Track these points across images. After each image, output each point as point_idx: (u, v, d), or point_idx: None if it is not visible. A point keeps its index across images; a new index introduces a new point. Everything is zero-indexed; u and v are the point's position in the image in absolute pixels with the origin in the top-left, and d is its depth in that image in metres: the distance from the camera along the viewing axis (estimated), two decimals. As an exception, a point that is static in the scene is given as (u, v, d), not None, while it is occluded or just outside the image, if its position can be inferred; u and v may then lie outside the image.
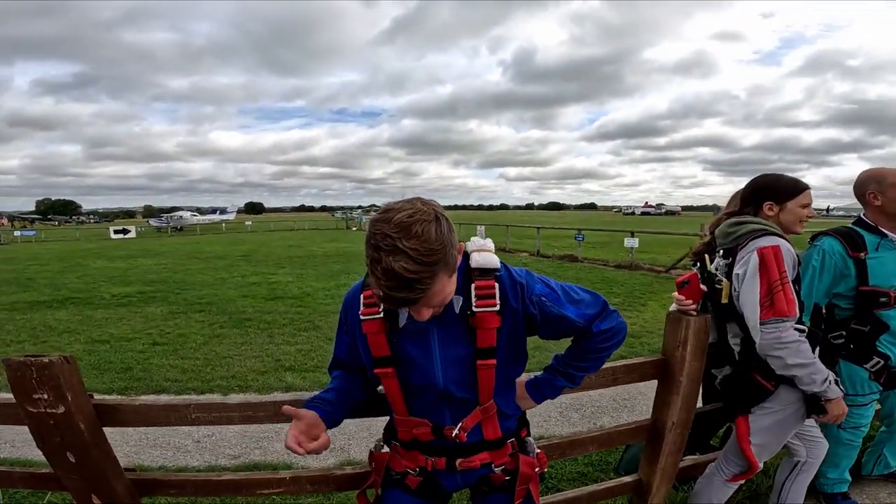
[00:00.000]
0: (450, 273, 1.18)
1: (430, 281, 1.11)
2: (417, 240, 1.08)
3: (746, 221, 2.11)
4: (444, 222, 1.15)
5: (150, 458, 3.40)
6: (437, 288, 1.14)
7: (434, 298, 1.16)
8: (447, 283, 1.18)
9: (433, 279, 1.12)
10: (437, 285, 1.14)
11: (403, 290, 1.09)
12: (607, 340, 1.49)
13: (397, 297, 1.11)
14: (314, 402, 1.47)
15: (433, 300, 1.17)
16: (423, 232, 1.09)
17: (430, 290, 1.13)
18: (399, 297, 1.11)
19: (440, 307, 1.24)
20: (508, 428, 1.55)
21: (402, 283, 1.08)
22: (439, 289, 1.15)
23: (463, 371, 1.39)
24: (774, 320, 1.88)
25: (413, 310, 1.21)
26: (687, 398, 2.13)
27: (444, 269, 1.14)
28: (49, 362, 1.52)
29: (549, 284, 1.44)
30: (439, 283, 1.14)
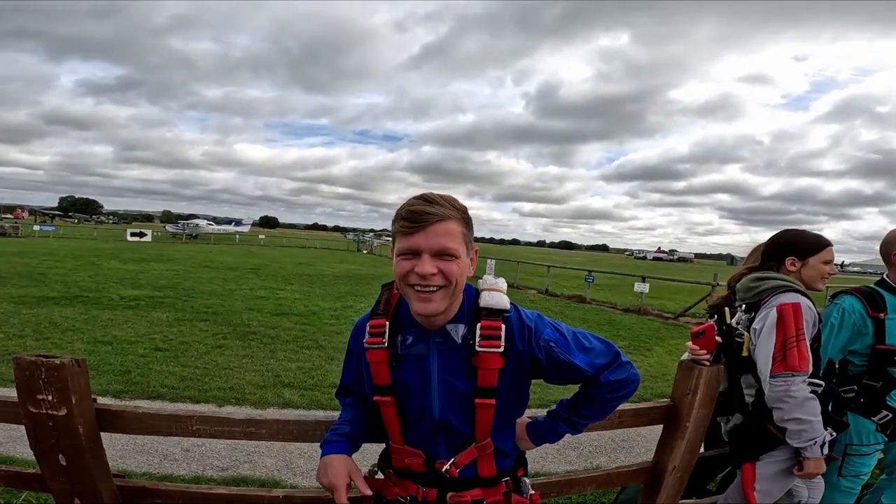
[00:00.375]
0: (464, 238, 1.29)
1: (446, 213, 1.25)
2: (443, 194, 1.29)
3: (769, 277, 2.16)
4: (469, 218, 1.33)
5: (135, 464, 3.34)
6: (448, 228, 1.25)
7: (441, 238, 1.24)
8: (457, 243, 1.26)
9: (449, 217, 1.25)
10: (449, 226, 1.25)
11: (422, 205, 1.24)
12: (615, 392, 1.44)
13: (416, 208, 1.24)
14: (338, 438, 1.48)
15: (440, 239, 1.24)
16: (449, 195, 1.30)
17: (442, 224, 1.24)
18: (416, 208, 1.23)
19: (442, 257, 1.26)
20: (505, 466, 1.50)
21: (424, 201, 1.25)
22: (449, 232, 1.25)
23: (461, 404, 1.37)
24: (784, 374, 1.93)
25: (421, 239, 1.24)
26: (691, 443, 2.13)
27: (459, 223, 1.28)
28: (60, 364, 1.50)
29: (559, 330, 1.42)
30: (451, 227, 1.25)
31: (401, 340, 1.39)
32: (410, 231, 1.24)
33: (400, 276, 1.29)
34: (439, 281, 1.25)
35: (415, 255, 1.25)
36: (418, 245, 1.24)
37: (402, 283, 1.30)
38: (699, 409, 2.09)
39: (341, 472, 1.37)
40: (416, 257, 1.25)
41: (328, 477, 1.37)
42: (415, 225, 1.23)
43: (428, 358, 1.37)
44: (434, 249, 1.24)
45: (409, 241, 1.25)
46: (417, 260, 1.24)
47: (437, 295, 1.26)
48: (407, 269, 1.26)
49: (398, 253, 1.29)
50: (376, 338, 1.38)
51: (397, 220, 1.27)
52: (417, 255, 1.24)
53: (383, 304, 1.43)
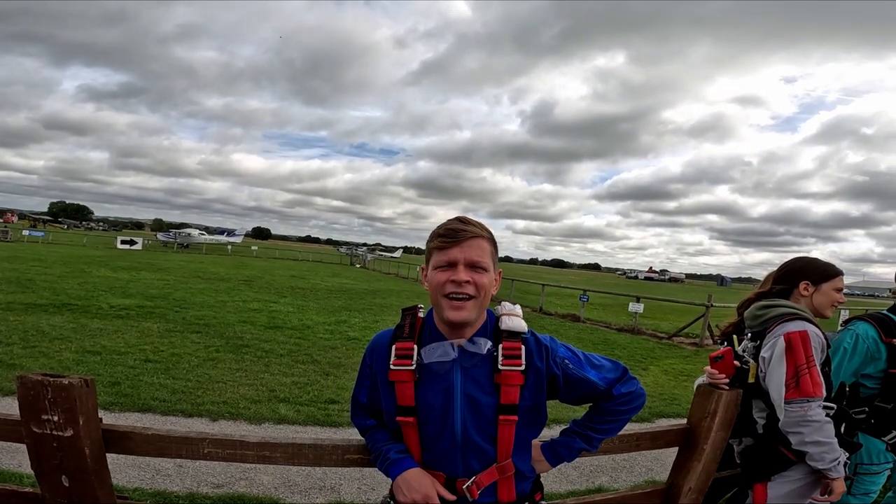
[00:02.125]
0: (492, 256, 1.43)
1: (479, 232, 1.41)
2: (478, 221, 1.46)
3: (775, 305, 2.21)
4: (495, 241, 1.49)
5: (126, 479, 3.21)
6: (480, 244, 1.40)
7: (475, 251, 1.38)
8: (487, 258, 1.41)
9: (482, 237, 1.41)
10: (482, 243, 1.40)
11: (459, 224, 1.41)
12: (627, 404, 1.54)
13: (453, 226, 1.40)
14: (406, 455, 1.47)
15: (474, 252, 1.38)
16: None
17: (475, 240, 1.39)
18: (453, 227, 1.40)
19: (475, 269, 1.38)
20: (523, 491, 1.52)
21: (460, 221, 1.42)
22: (481, 247, 1.40)
23: (483, 420, 1.41)
24: (800, 400, 1.98)
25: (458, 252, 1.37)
26: (708, 465, 2.14)
27: (489, 243, 1.43)
28: (68, 384, 1.42)
29: (571, 350, 1.54)
30: (483, 244, 1.41)
31: (425, 352, 1.44)
32: (448, 245, 1.39)
33: (436, 286, 1.40)
34: (471, 290, 1.37)
35: (451, 266, 1.38)
36: (455, 257, 1.37)
37: (436, 295, 1.40)
38: (717, 431, 2.12)
39: (429, 483, 1.41)
40: (452, 268, 1.38)
41: (418, 491, 1.39)
42: (452, 240, 1.38)
43: (451, 372, 1.42)
44: (469, 261, 1.38)
45: (447, 254, 1.39)
46: (453, 271, 1.37)
47: (468, 304, 1.38)
48: (443, 279, 1.38)
49: (435, 266, 1.41)
50: (404, 360, 1.43)
51: (434, 238, 1.42)
52: (453, 267, 1.37)
53: (408, 327, 1.48)
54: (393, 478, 1.44)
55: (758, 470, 2.19)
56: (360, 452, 1.67)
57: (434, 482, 1.41)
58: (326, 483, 3.52)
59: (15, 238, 36.65)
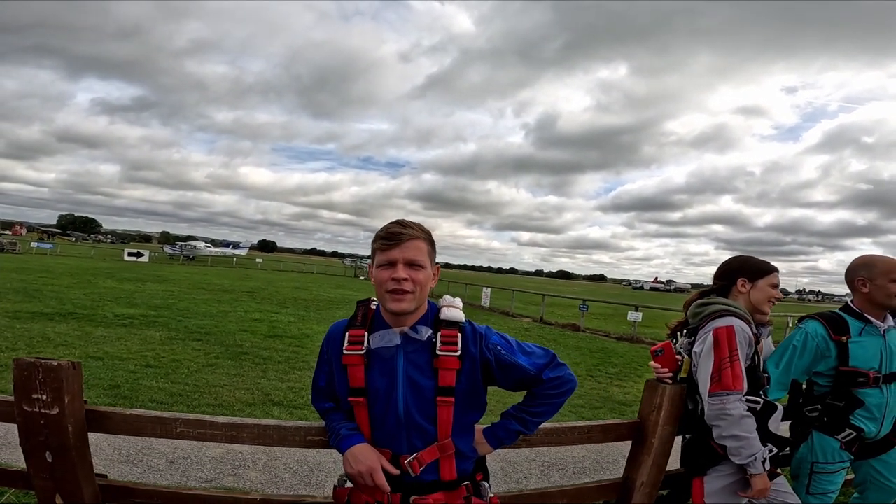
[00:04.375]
0: (429, 255, 1.58)
1: (417, 234, 1.56)
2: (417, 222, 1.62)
3: (711, 302, 2.27)
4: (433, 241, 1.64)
5: (118, 473, 3.35)
6: (417, 244, 1.55)
7: (412, 251, 1.54)
8: (423, 257, 1.56)
9: (419, 238, 1.57)
10: (418, 244, 1.56)
11: (398, 227, 1.56)
12: (556, 388, 1.66)
13: (392, 230, 1.55)
14: (356, 431, 1.62)
15: (411, 253, 1.54)
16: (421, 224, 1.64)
17: (413, 241, 1.55)
18: (393, 230, 1.55)
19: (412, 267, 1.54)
20: (465, 470, 1.66)
21: (399, 224, 1.58)
22: (418, 247, 1.55)
23: (423, 401, 1.56)
24: (720, 393, 2.03)
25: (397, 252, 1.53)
26: (658, 459, 2.21)
27: (426, 243, 1.59)
28: (56, 366, 1.61)
29: (505, 338, 1.68)
30: (419, 244, 1.56)
31: (373, 338, 1.59)
32: (388, 247, 1.55)
33: (379, 282, 1.56)
34: (409, 287, 1.53)
35: (391, 265, 1.54)
36: (395, 257, 1.54)
37: (380, 290, 1.57)
38: (664, 425, 2.20)
39: (374, 457, 1.55)
40: (393, 267, 1.53)
41: (363, 463, 1.53)
42: (392, 242, 1.54)
43: (395, 357, 1.58)
44: (407, 260, 1.54)
45: (388, 254, 1.55)
46: (394, 269, 1.53)
47: (407, 296, 1.53)
48: (385, 277, 1.54)
49: (378, 265, 1.58)
50: (356, 345, 1.60)
51: (377, 240, 1.59)
52: (393, 266, 1.53)
53: (360, 317, 1.66)
54: (343, 452, 1.59)
55: (693, 464, 2.24)
56: (320, 434, 1.82)
57: (379, 456, 1.56)
58: (313, 480, 3.66)
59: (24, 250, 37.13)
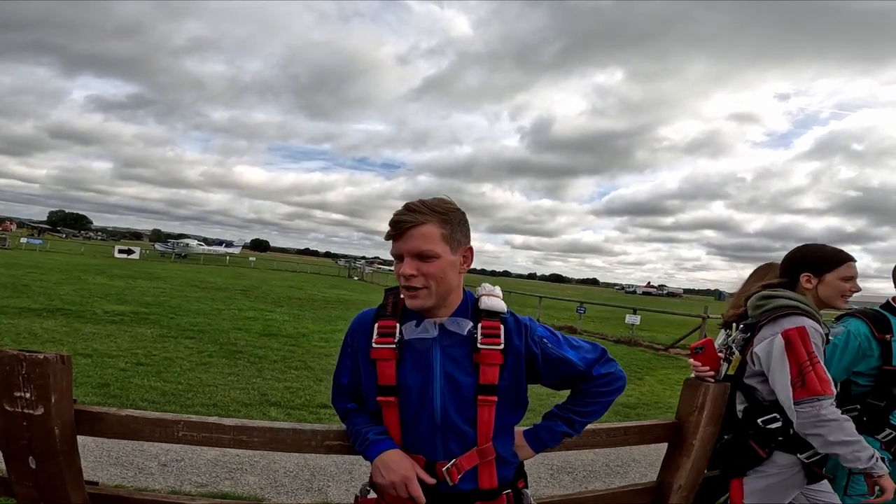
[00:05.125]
0: (445, 239, 1.36)
1: (424, 218, 1.33)
2: (435, 198, 1.40)
3: (776, 296, 2.05)
4: (462, 214, 1.42)
5: (107, 476, 3.15)
6: (425, 232, 1.33)
7: (417, 242, 1.33)
8: (433, 245, 1.34)
9: (427, 223, 1.33)
10: (427, 231, 1.33)
11: (402, 214, 1.35)
12: (607, 385, 1.51)
13: (396, 217, 1.35)
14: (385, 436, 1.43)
15: (416, 243, 1.33)
16: (442, 197, 1.41)
17: (420, 228, 1.33)
18: (397, 218, 1.35)
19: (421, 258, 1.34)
20: (505, 477, 1.49)
21: (406, 209, 1.35)
22: (425, 235, 1.33)
23: (463, 401, 1.38)
24: (809, 399, 1.83)
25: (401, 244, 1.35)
26: (697, 462, 2.09)
27: (437, 226, 1.35)
28: (43, 359, 1.40)
29: (550, 330, 1.53)
30: (427, 230, 1.33)
31: (406, 329, 1.42)
32: (393, 239, 1.38)
33: (396, 276, 1.41)
34: (420, 283, 1.35)
35: (399, 259, 1.37)
36: (399, 249, 1.37)
37: (399, 284, 1.42)
38: (706, 426, 2.07)
39: (409, 465, 1.36)
40: (401, 262, 1.37)
41: (397, 472, 1.34)
42: (395, 233, 1.37)
43: (431, 351, 1.40)
44: (412, 252, 1.34)
45: (394, 247, 1.38)
46: (401, 264, 1.36)
47: (420, 293, 1.36)
48: (398, 272, 1.38)
49: (392, 255, 1.42)
50: (387, 337, 1.41)
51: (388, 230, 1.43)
52: (402, 260, 1.37)
53: (390, 306, 1.47)
54: (371, 459, 1.40)
55: (733, 465, 2.13)
56: (340, 438, 1.63)
57: (413, 464, 1.38)
58: (314, 485, 3.47)
59: (13, 246, 36.58)
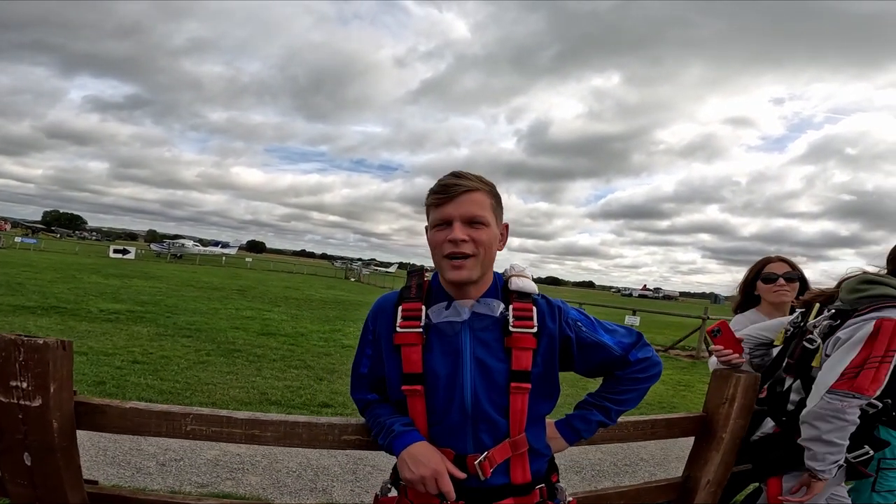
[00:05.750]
0: (493, 209, 1.32)
1: (476, 185, 1.29)
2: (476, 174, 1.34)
3: (882, 283, 1.79)
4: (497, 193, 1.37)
5: (103, 476, 3.02)
6: (477, 198, 1.28)
7: (471, 206, 1.27)
8: (486, 212, 1.29)
9: (479, 189, 1.30)
10: (479, 198, 1.29)
11: (453, 178, 1.29)
12: (645, 371, 1.43)
13: (446, 181, 1.29)
14: (412, 428, 1.33)
15: (470, 207, 1.27)
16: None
17: (472, 194, 1.28)
18: (447, 182, 1.29)
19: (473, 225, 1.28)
20: (538, 470, 1.40)
21: (455, 175, 1.31)
22: (478, 201, 1.28)
23: (494, 386, 1.30)
24: (845, 393, 1.68)
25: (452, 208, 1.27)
26: (726, 456, 2.02)
27: (488, 196, 1.32)
28: (43, 345, 1.28)
29: (584, 314, 1.45)
30: (480, 197, 1.29)
31: (433, 312, 1.33)
32: (442, 202, 1.29)
33: (435, 246, 1.31)
34: (470, 249, 1.27)
35: (447, 224, 1.28)
36: (450, 214, 1.27)
37: (436, 255, 1.32)
38: (736, 419, 2.00)
39: (438, 458, 1.27)
40: (449, 227, 1.28)
41: (427, 465, 1.24)
42: (445, 196, 1.28)
43: (460, 335, 1.31)
44: (465, 217, 1.27)
45: (442, 211, 1.29)
46: (450, 229, 1.27)
47: (468, 262, 1.28)
48: (441, 239, 1.28)
49: (432, 224, 1.33)
50: (412, 321, 1.32)
51: (430, 195, 1.33)
52: (450, 225, 1.27)
53: (415, 288, 1.38)
54: (397, 452, 1.29)
55: (775, 462, 2.00)
56: (358, 433, 1.53)
57: (444, 458, 1.28)
58: (318, 485, 3.35)
59: (7, 245, 36.28)
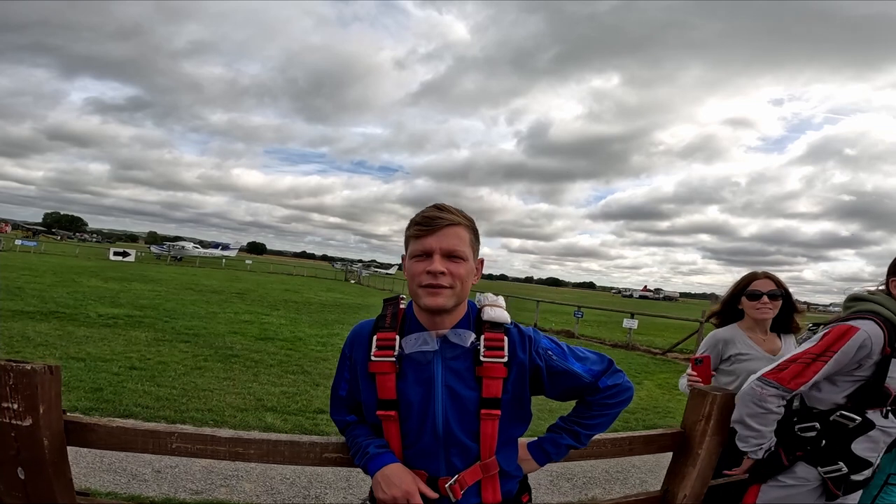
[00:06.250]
0: (471, 244, 1.37)
1: (458, 220, 1.35)
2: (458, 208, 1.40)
3: (868, 300, 1.93)
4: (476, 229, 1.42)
5: (99, 483, 3.08)
6: (458, 233, 1.34)
7: (451, 240, 1.32)
8: (465, 247, 1.34)
9: (460, 224, 1.35)
10: (460, 232, 1.34)
11: (436, 211, 1.34)
12: (614, 397, 1.49)
13: (429, 214, 1.34)
14: (386, 450, 1.39)
15: (450, 241, 1.32)
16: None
17: (454, 228, 1.33)
18: (429, 214, 1.34)
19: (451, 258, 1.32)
20: (509, 491, 1.46)
21: (438, 208, 1.36)
22: (458, 235, 1.33)
23: (465, 412, 1.35)
24: (771, 382, 1.85)
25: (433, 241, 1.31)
26: (703, 472, 2.06)
27: (468, 231, 1.37)
28: (31, 370, 1.37)
29: (555, 341, 1.49)
30: (460, 232, 1.34)
31: (406, 342, 1.37)
32: (424, 234, 1.33)
33: (413, 276, 1.35)
34: (447, 281, 1.31)
35: (427, 256, 1.32)
36: (431, 246, 1.31)
37: (413, 284, 1.35)
38: (712, 436, 2.05)
39: (410, 479, 1.33)
40: (428, 258, 1.32)
41: (398, 486, 1.30)
42: (428, 228, 1.32)
43: (432, 364, 1.36)
44: (445, 250, 1.31)
45: (423, 243, 1.33)
46: (429, 261, 1.31)
47: (445, 291, 1.31)
48: (420, 269, 1.32)
49: (411, 255, 1.36)
50: (386, 351, 1.37)
51: (412, 226, 1.37)
52: (429, 257, 1.32)
53: (390, 317, 1.43)
54: (372, 473, 1.36)
55: (754, 471, 2.08)
56: (339, 451, 1.58)
57: (416, 478, 1.34)
58: (311, 492, 3.41)
59: (7, 247, 36.35)
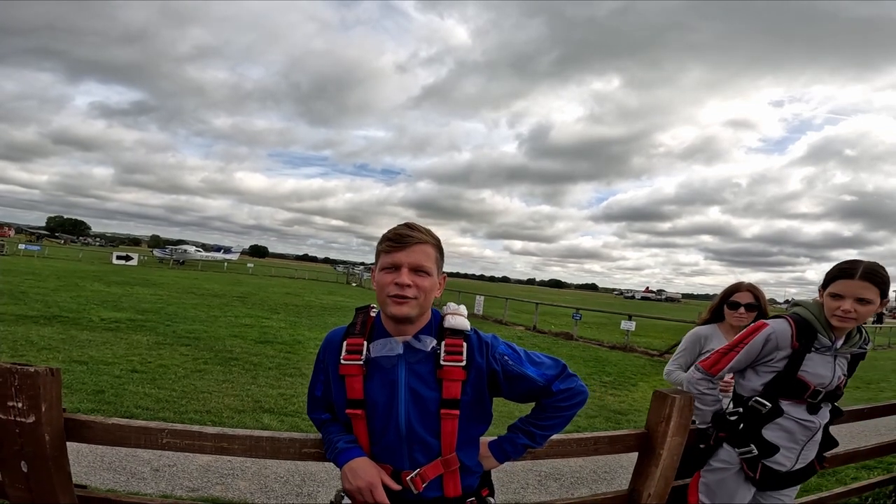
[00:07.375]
0: (436, 262, 1.50)
1: (425, 238, 1.48)
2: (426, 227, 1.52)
3: (797, 304, 2.18)
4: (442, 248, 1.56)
5: (100, 481, 3.22)
6: (425, 250, 1.47)
7: (419, 256, 1.45)
8: (430, 263, 1.47)
9: (428, 242, 1.48)
10: (427, 250, 1.47)
11: (406, 230, 1.47)
12: (567, 400, 1.57)
13: (400, 231, 1.47)
14: (355, 444, 1.53)
15: (417, 257, 1.45)
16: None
17: (421, 246, 1.46)
18: (400, 232, 1.46)
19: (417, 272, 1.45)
20: (470, 485, 1.57)
21: (408, 227, 1.49)
22: (425, 252, 1.46)
23: (426, 412, 1.47)
24: (698, 367, 2.26)
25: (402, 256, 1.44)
26: (666, 471, 2.15)
27: (434, 249, 1.50)
28: (34, 372, 1.51)
29: (512, 347, 1.59)
30: (427, 249, 1.47)
31: (373, 347, 1.50)
32: (394, 249, 1.46)
33: (381, 286, 1.47)
34: (412, 293, 1.44)
35: (395, 269, 1.45)
36: (400, 261, 1.44)
37: (381, 294, 1.47)
38: (673, 436, 2.13)
39: (374, 472, 1.46)
40: (397, 271, 1.44)
41: (363, 478, 1.43)
42: (398, 244, 1.45)
43: (397, 367, 1.49)
44: (412, 265, 1.44)
45: (393, 257, 1.46)
46: (397, 274, 1.44)
47: (411, 302, 1.44)
48: (388, 280, 1.45)
49: (381, 267, 1.49)
50: (354, 355, 1.50)
51: (384, 241, 1.50)
52: (398, 270, 1.44)
53: (360, 324, 1.56)
54: (340, 466, 1.49)
55: (698, 457, 2.29)
56: (317, 447, 1.71)
57: (380, 471, 1.46)
58: (304, 489, 3.53)
59: (11, 252, 36.61)
